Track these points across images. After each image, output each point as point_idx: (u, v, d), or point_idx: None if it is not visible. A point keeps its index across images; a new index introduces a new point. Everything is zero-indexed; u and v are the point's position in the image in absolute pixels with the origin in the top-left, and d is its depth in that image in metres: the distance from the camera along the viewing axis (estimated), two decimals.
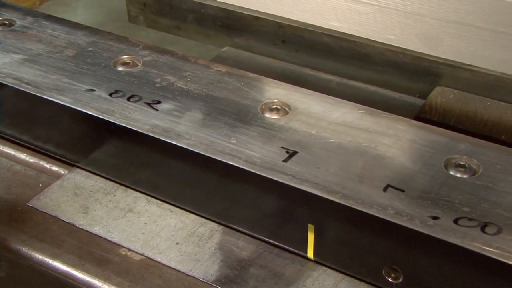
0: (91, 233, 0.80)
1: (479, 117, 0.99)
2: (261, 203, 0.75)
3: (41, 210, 0.83)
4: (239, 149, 0.75)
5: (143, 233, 0.80)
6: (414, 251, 0.66)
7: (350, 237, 0.70)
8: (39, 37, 0.96)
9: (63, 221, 0.82)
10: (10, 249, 0.79)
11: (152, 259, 0.77)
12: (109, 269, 0.76)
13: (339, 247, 0.72)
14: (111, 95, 0.83)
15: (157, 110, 0.81)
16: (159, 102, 0.82)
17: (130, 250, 0.78)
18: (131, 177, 0.85)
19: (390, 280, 0.69)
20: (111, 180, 0.87)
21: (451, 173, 0.71)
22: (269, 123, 0.79)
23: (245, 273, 0.74)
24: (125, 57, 0.91)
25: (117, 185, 0.87)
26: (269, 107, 0.81)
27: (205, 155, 0.74)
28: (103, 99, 0.83)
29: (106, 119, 0.80)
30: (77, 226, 0.81)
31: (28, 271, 0.79)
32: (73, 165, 0.90)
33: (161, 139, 0.77)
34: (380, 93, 1.11)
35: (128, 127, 0.78)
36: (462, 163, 0.72)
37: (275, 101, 0.82)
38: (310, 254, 0.74)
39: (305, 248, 0.74)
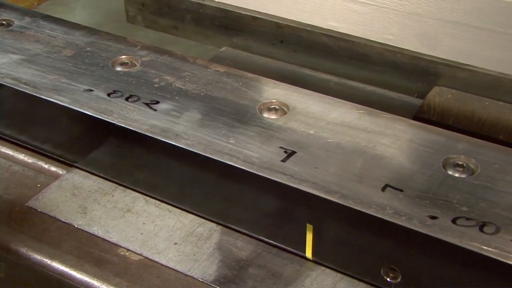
0: (90, 233, 0.80)
1: (477, 117, 1.00)
2: (260, 203, 0.75)
3: (39, 210, 0.83)
4: (237, 149, 0.75)
5: (142, 233, 0.80)
6: (412, 251, 0.66)
7: (348, 237, 0.70)
8: (37, 37, 0.96)
9: (61, 221, 0.82)
10: (8, 250, 0.79)
11: (150, 259, 0.77)
12: (107, 269, 0.76)
13: (337, 247, 0.72)
14: (109, 95, 0.83)
15: (156, 110, 0.81)
16: (158, 102, 0.82)
17: (128, 250, 0.78)
18: (129, 177, 0.85)
19: (388, 279, 0.69)
20: (109, 180, 0.87)
21: (450, 172, 0.71)
22: (268, 123, 0.79)
23: (244, 273, 0.74)
24: (124, 57, 0.91)
25: (115, 185, 0.87)
26: (267, 107, 0.81)
27: (204, 155, 0.74)
28: (101, 99, 0.83)
29: (104, 119, 0.80)
30: (76, 226, 0.81)
31: (26, 271, 0.79)
32: (72, 166, 0.90)
33: (159, 139, 0.77)
34: (378, 93, 1.11)
35: (126, 127, 0.78)
36: (460, 163, 0.72)
37: (274, 101, 0.82)
38: (308, 254, 0.74)
39: (303, 248, 0.74)
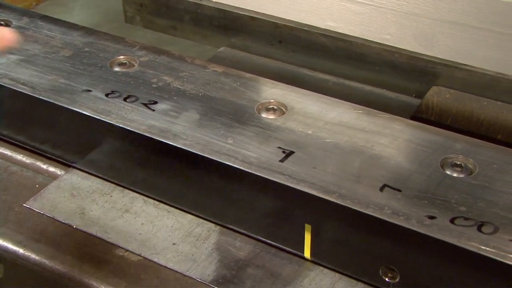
0: (88, 233, 0.80)
1: (476, 116, 1.00)
2: (258, 203, 0.75)
3: (38, 211, 0.83)
4: (235, 149, 0.75)
5: (140, 234, 0.80)
6: (411, 251, 0.66)
7: (347, 237, 0.70)
8: (35, 38, 0.96)
9: (60, 222, 0.82)
10: (7, 250, 0.79)
11: (149, 260, 0.77)
12: (106, 270, 0.76)
13: (336, 247, 0.72)
14: (107, 95, 0.83)
15: (154, 110, 0.81)
16: (156, 102, 0.82)
17: (127, 250, 0.78)
18: (128, 177, 0.85)
19: (387, 279, 0.69)
20: (107, 180, 0.87)
21: (448, 172, 0.71)
22: (266, 123, 0.79)
23: (242, 273, 0.74)
24: (122, 58, 0.91)
25: (113, 185, 0.87)
26: (265, 107, 0.81)
27: (202, 155, 0.74)
28: (99, 99, 0.83)
29: (102, 119, 0.80)
30: (74, 227, 0.81)
31: (25, 272, 0.79)
32: (70, 166, 0.90)
33: (157, 139, 0.77)
34: (376, 93, 1.11)
35: (124, 127, 0.78)
36: (458, 163, 0.72)
37: (272, 101, 0.82)
38: (307, 254, 0.74)
39: (302, 248, 0.74)
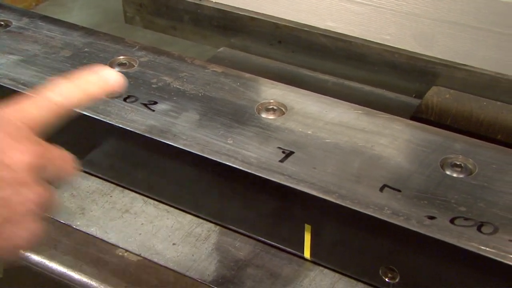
0: (88, 234, 0.80)
1: (475, 116, 1.00)
2: (258, 204, 0.75)
3: None
4: (235, 149, 0.75)
5: (140, 234, 0.80)
6: (410, 251, 0.66)
7: (347, 237, 0.70)
8: (35, 38, 0.96)
9: (59, 222, 0.82)
10: None
11: (149, 260, 0.77)
12: (106, 270, 0.76)
13: (336, 247, 0.72)
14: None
15: (154, 110, 0.81)
16: (156, 102, 0.82)
17: (127, 251, 0.78)
18: (127, 177, 0.85)
19: (387, 280, 0.69)
20: (107, 181, 0.87)
21: (447, 172, 0.71)
22: (266, 123, 0.79)
23: (242, 273, 0.74)
24: (121, 58, 0.91)
25: (113, 186, 0.87)
26: (265, 108, 0.81)
27: (202, 156, 0.74)
28: (99, 99, 0.82)
29: (102, 120, 0.80)
30: (74, 227, 0.81)
31: (25, 272, 0.79)
32: None
33: (157, 139, 0.77)
34: (376, 93, 1.11)
35: (124, 127, 0.78)
36: (458, 163, 0.72)
37: (272, 101, 0.82)
38: (307, 254, 0.74)
39: (302, 248, 0.74)
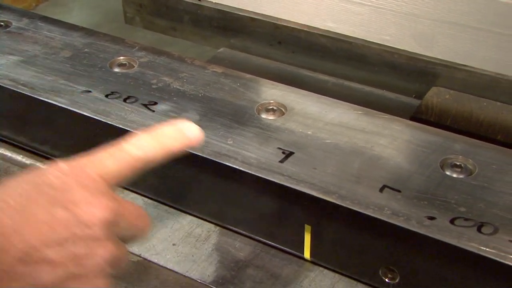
0: None
1: (475, 117, 1.00)
2: (258, 204, 0.75)
3: None
4: (235, 150, 0.75)
5: None
6: (410, 252, 0.66)
7: (347, 238, 0.70)
8: (35, 39, 0.96)
9: None
10: None
11: (149, 260, 0.77)
12: None
13: (336, 248, 0.72)
14: (107, 96, 0.83)
15: (154, 111, 0.81)
16: (156, 103, 0.82)
17: None
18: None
19: (387, 280, 0.69)
20: None
21: (447, 173, 0.71)
22: (266, 124, 0.79)
23: (242, 274, 0.74)
24: (121, 58, 0.91)
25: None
26: (265, 108, 0.81)
27: (202, 156, 0.74)
28: (99, 100, 0.83)
29: (102, 120, 0.80)
30: None
31: None
32: None
33: None
34: (376, 93, 1.11)
35: (124, 128, 0.78)
36: (458, 163, 0.72)
37: (272, 102, 0.82)
38: (307, 254, 0.74)
39: (302, 248, 0.74)
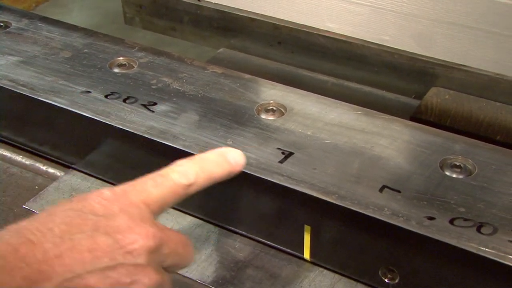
0: None
1: (475, 117, 1.00)
2: (258, 204, 0.75)
3: (37, 212, 0.83)
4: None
5: None
6: (410, 252, 0.66)
7: (346, 238, 0.70)
8: (34, 39, 0.96)
9: None
10: None
11: None
12: None
13: (335, 248, 0.72)
14: (107, 96, 0.83)
15: (153, 111, 0.81)
16: (155, 103, 0.82)
17: None
18: (127, 179, 0.85)
19: (386, 280, 0.69)
20: (107, 181, 0.87)
21: (447, 173, 0.71)
22: (265, 124, 0.79)
23: (242, 274, 0.74)
24: (121, 59, 0.91)
25: (113, 186, 0.86)
26: (265, 108, 0.81)
27: None
28: (99, 100, 0.83)
29: (102, 120, 0.80)
30: None
31: None
32: (69, 167, 0.90)
33: (157, 140, 0.77)
34: (375, 94, 1.11)
35: (124, 128, 0.78)
36: (457, 164, 0.72)
37: (271, 102, 0.82)
38: (306, 255, 0.74)
39: (301, 249, 0.74)
